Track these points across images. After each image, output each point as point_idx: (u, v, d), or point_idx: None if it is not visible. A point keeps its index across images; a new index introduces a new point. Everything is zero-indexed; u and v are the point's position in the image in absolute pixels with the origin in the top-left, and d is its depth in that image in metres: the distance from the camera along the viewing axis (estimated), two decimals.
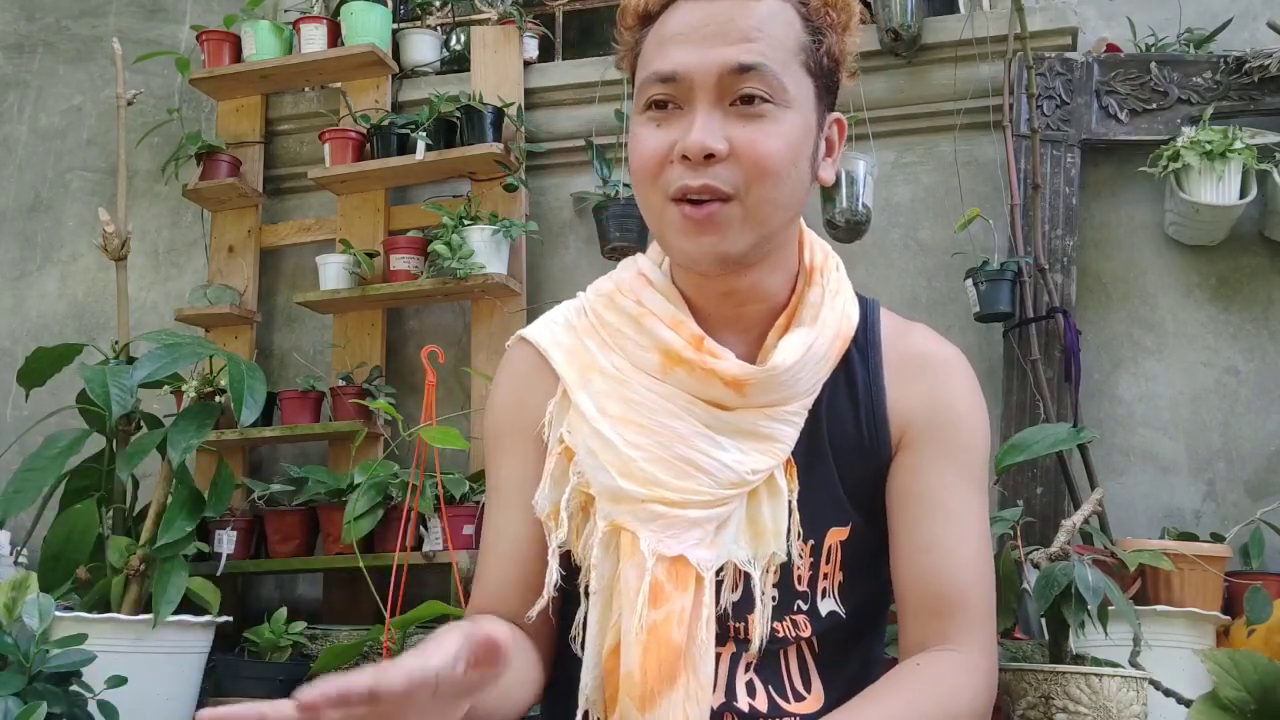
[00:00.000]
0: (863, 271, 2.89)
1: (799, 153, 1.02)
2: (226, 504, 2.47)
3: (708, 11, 1.01)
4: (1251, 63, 2.65)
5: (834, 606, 1.10)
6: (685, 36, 1.01)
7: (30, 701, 1.83)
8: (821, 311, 1.08)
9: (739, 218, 1.00)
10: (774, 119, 0.99)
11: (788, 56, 1.01)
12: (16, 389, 2.67)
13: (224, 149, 3.23)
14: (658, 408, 1.06)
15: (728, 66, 0.98)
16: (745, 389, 1.05)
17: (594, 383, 1.09)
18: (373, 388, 2.96)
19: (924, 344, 1.14)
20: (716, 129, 0.98)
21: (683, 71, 1.00)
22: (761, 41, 1.00)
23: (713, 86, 0.99)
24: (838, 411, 1.09)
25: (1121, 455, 2.70)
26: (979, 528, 1.08)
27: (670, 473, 1.03)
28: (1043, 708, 1.54)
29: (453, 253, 2.86)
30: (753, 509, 1.06)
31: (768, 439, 1.06)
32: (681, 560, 1.02)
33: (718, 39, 0.99)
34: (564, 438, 1.09)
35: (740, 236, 1.01)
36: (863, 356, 1.11)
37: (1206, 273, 2.73)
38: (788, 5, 1.03)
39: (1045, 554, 1.64)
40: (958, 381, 1.12)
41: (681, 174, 1.00)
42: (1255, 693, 1.41)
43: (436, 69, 3.33)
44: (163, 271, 3.45)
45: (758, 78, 0.99)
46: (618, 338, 1.10)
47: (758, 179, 0.99)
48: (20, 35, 3.76)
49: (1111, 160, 2.82)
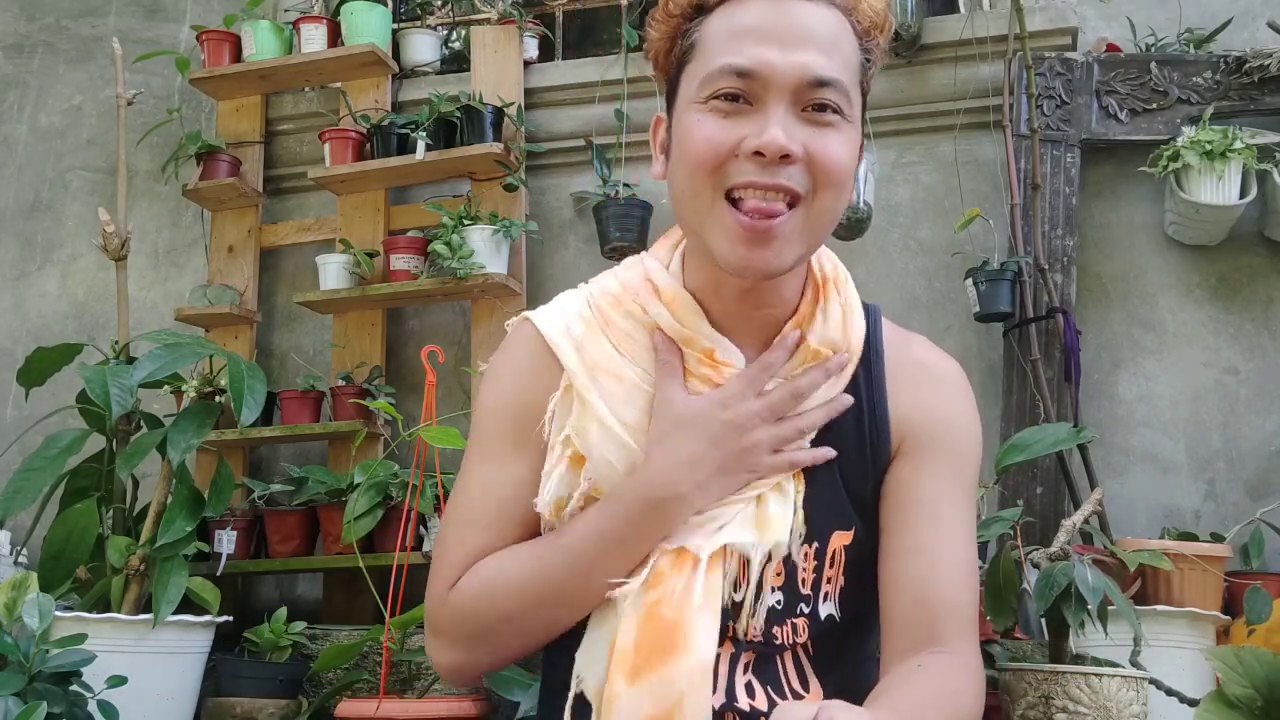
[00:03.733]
0: (863, 271, 2.89)
1: (854, 164, 1.05)
2: (226, 504, 2.47)
3: (785, 12, 1.01)
4: (1251, 63, 2.65)
5: (832, 610, 1.11)
6: (765, 34, 1.00)
7: (30, 701, 1.83)
8: (829, 327, 1.10)
9: (799, 227, 1.01)
10: (840, 130, 1.01)
11: (851, 73, 1.03)
12: (16, 389, 2.67)
13: (224, 149, 3.23)
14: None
15: (810, 75, 0.99)
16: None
17: (604, 384, 1.09)
18: (373, 388, 2.96)
19: (925, 355, 1.16)
20: (794, 133, 0.99)
21: (763, 69, 0.99)
22: (838, 55, 1.01)
23: (790, 89, 0.99)
24: (842, 419, 1.10)
25: (1121, 455, 2.70)
26: (968, 536, 1.10)
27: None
28: (1043, 708, 1.54)
29: (453, 253, 2.86)
30: (760, 508, 1.08)
31: None
32: (682, 550, 1.05)
33: (801, 44, 1.00)
34: (572, 440, 1.08)
35: (794, 248, 1.02)
36: (866, 366, 1.12)
37: (1206, 273, 2.73)
38: (846, 24, 1.04)
39: (1045, 554, 1.64)
40: (957, 394, 1.15)
41: (749, 170, 0.99)
42: (1263, 689, 1.41)
43: (436, 69, 3.33)
44: (163, 271, 3.45)
45: (834, 90, 1.00)
46: (628, 343, 1.10)
47: (825, 185, 1.01)
48: (20, 35, 3.76)
49: (1111, 160, 2.82)
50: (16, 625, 1.98)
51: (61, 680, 1.93)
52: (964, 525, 1.10)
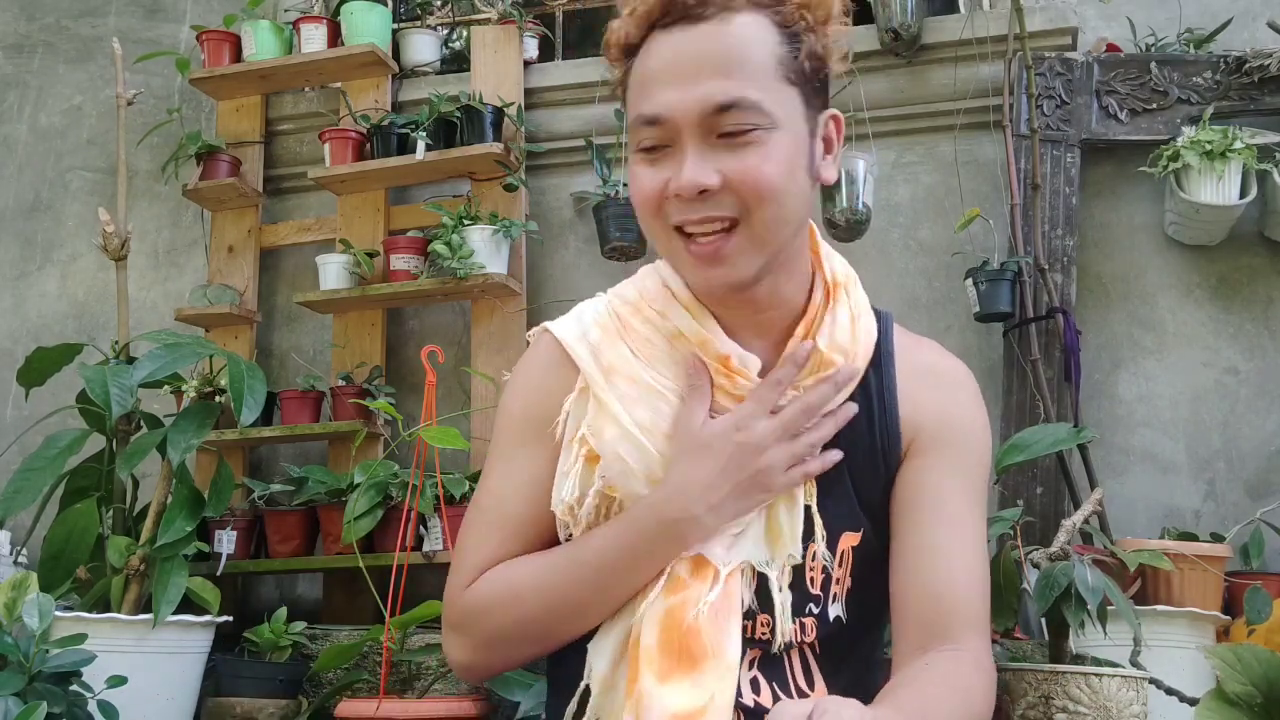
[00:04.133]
0: (863, 271, 2.85)
1: (793, 167, 1.03)
2: (226, 504, 2.47)
3: (682, 44, 1.02)
4: (1251, 63, 2.65)
5: (839, 612, 1.12)
6: (664, 75, 1.02)
7: (30, 701, 1.83)
8: (837, 331, 1.11)
9: (746, 244, 1.03)
10: (762, 143, 1.01)
11: (767, 78, 1.01)
12: (16, 389, 2.67)
13: (224, 149, 3.23)
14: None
15: (708, 106, 0.99)
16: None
17: (619, 386, 1.11)
18: (373, 388, 2.96)
19: (936, 358, 1.18)
20: (708, 164, 1.00)
21: (665, 114, 1.01)
22: (738, 72, 1.00)
23: (697, 124, 1.00)
24: (853, 422, 1.12)
25: (1121, 455, 2.70)
26: (979, 535, 1.11)
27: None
28: (1043, 708, 1.54)
29: (453, 253, 2.86)
30: (771, 516, 1.09)
31: None
32: (700, 558, 1.07)
33: (696, 75, 1.00)
34: (587, 439, 1.11)
35: (750, 261, 1.04)
36: (878, 369, 1.14)
37: (1206, 273, 2.73)
38: (761, 17, 1.02)
39: (1045, 554, 1.64)
40: (966, 396, 1.16)
41: (679, 209, 1.02)
42: (1261, 686, 1.41)
43: (436, 69, 3.33)
44: (163, 271, 3.45)
45: (739, 112, 1.00)
46: (647, 347, 1.13)
47: (757, 204, 1.01)
48: (20, 35, 3.76)
49: (1111, 160, 2.82)
50: (16, 625, 1.98)
51: (61, 680, 1.93)
52: (974, 523, 1.10)
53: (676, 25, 1.02)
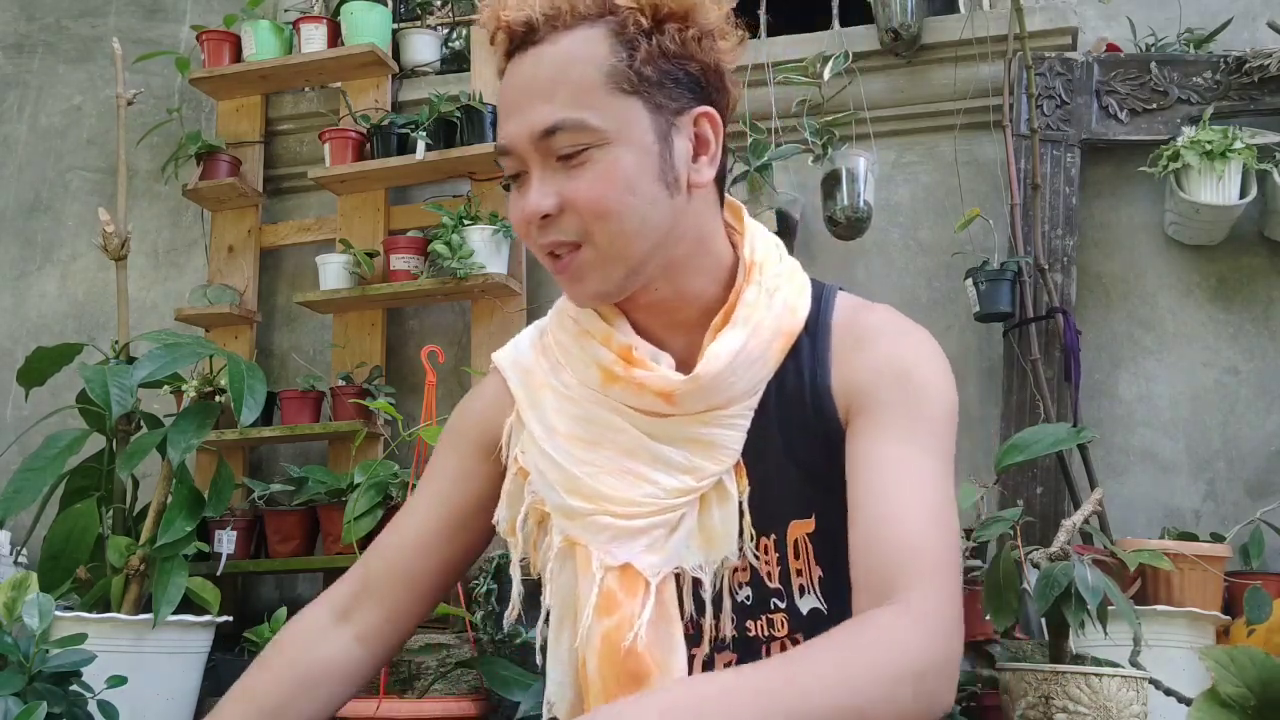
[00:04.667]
0: (863, 271, 2.89)
1: (635, 180, 1.00)
2: (226, 504, 2.47)
3: (515, 73, 1.02)
4: (1251, 63, 2.65)
5: (816, 603, 1.08)
6: (505, 105, 1.03)
7: (30, 701, 1.83)
8: (756, 313, 1.06)
9: (595, 260, 1.02)
10: (595, 161, 0.99)
11: (593, 94, 0.99)
12: (16, 389, 2.67)
13: (224, 149, 3.23)
14: (602, 421, 1.08)
15: (534, 131, 0.99)
16: (675, 399, 1.05)
17: (545, 401, 1.12)
18: (373, 388, 2.96)
19: (874, 319, 1.09)
20: (548, 188, 1.00)
21: (509, 143, 1.02)
22: (560, 93, 0.99)
23: (532, 151, 1.00)
24: (787, 402, 1.07)
25: (1121, 455, 2.70)
26: (931, 485, 1.00)
27: (616, 485, 1.06)
28: (1043, 708, 1.55)
29: (453, 252, 2.86)
30: (704, 515, 1.06)
31: (711, 445, 1.06)
32: (629, 568, 1.05)
33: (525, 103, 1.00)
34: (518, 458, 1.12)
35: (605, 276, 1.03)
36: (812, 342, 1.08)
37: (1206, 273, 2.74)
38: (592, 29, 1.00)
39: (1045, 554, 1.64)
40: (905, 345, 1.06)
41: (535, 234, 1.03)
42: (1255, 689, 1.41)
43: (436, 69, 3.33)
44: (163, 271, 3.45)
45: (565, 134, 0.99)
46: (567, 355, 1.12)
47: (595, 222, 1.00)
48: (20, 35, 3.76)
49: (1111, 160, 2.82)
50: (16, 625, 1.98)
51: (61, 680, 1.93)
52: (921, 474, 1.00)
53: (519, 51, 1.02)
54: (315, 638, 1.17)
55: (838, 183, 2.71)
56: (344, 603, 1.19)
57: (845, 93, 2.81)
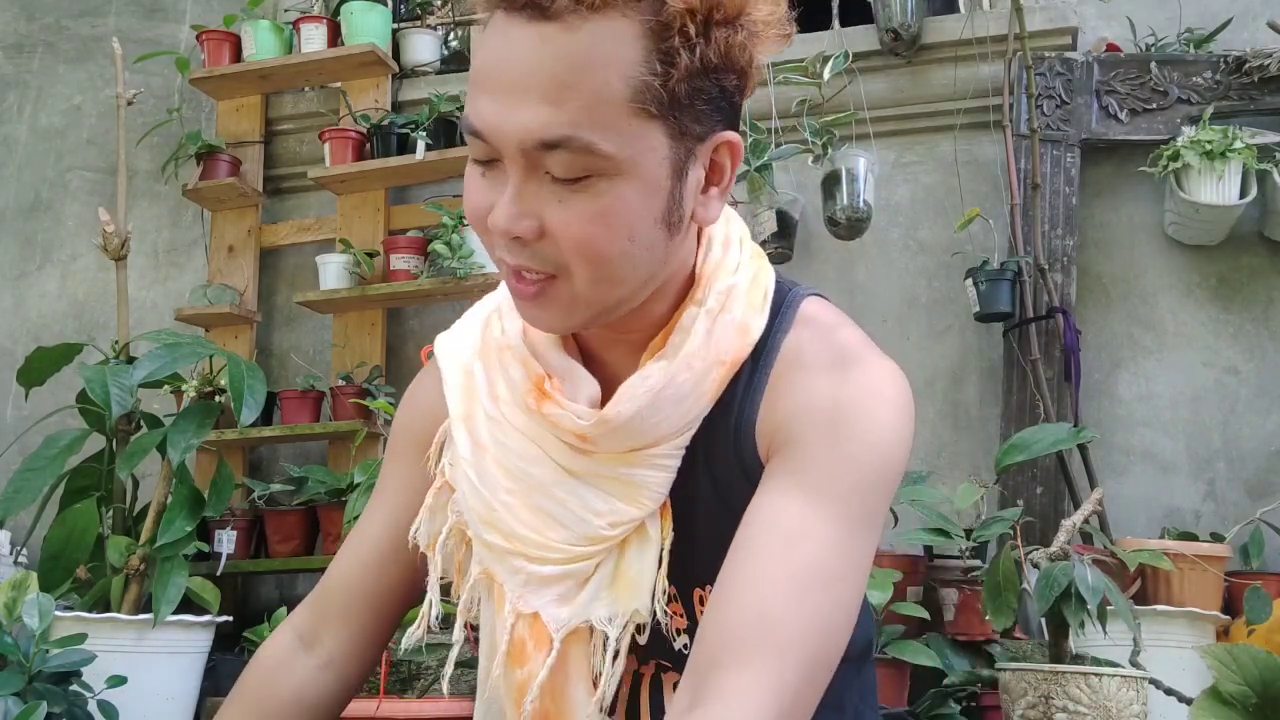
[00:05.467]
0: (863, 271, 2.89)
1: (638, 222, 0.81)
2: (226, 504, 2.47)
3: (516, 44, 0.78)
4: (1251, 63, 2.65)
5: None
6: (490, 78, 0.79)
7: (30, 701, 1.83)
8: (691, 342, 0.89)
9: (566, 298, 0.83)
10: (598, 192, 0.79)
11: (611, 112, 0.77)
12: (16, 389, 2.67)
13: (224, 149, 3.23)
14: (523, 451, 0.93)
15: (531, 139, 0.77)
16: (588, 440, 0.90)
17: (477, 411, 0.97)
18: (373, 387, 2.96)
19: (824, 344, 0.90)
20: (529, 206, 0.80)
21: (488, 131, 0.80)
22: (570, 101, 0.76)
23: (519, 156, 0.79)
24: (716, 439, 0.91)
25: (1121, 455, 2.70)
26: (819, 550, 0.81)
27: (532, 523, 0.93)
28: (1043, 707, 1.55)
29: (453, 252, 2.86)
30: (621, 562, 0.92)
31: (633, 486, 0.90)
32: (538, 619, 0.93)
33: (522, 92, 0.77)
34: (445, 470, 0.99)
35: (571, 313, 0.85)
36: (754, 368, 0.91)
37: (1206, 273, 2.74)
38: (629, 21, 0.77)
39: (1045, 554, 1.64)
40: (850, 383, 0.87)
41: (500, 245, 0.83)
42: (1256, 687, 1.41)
43: (436, 69, 3.33)
44: (163, 271, 3.45)
45: (567, 154, 0.77)
46: (502, 360, 0.96)
47: (581, 264, 0.81)
48: (20, 35, 3.76)
49: (1111, 160, 2.82)
50: (16, 625, 1.98)
51: (61, 680, 1.93)
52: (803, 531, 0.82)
53: (522, 13, 0.77)
54: (281, 669, 1.07)
55: (838, 183, 2.71)
56: (307, 628, 1.09)
57: (845, 93, 2.81)
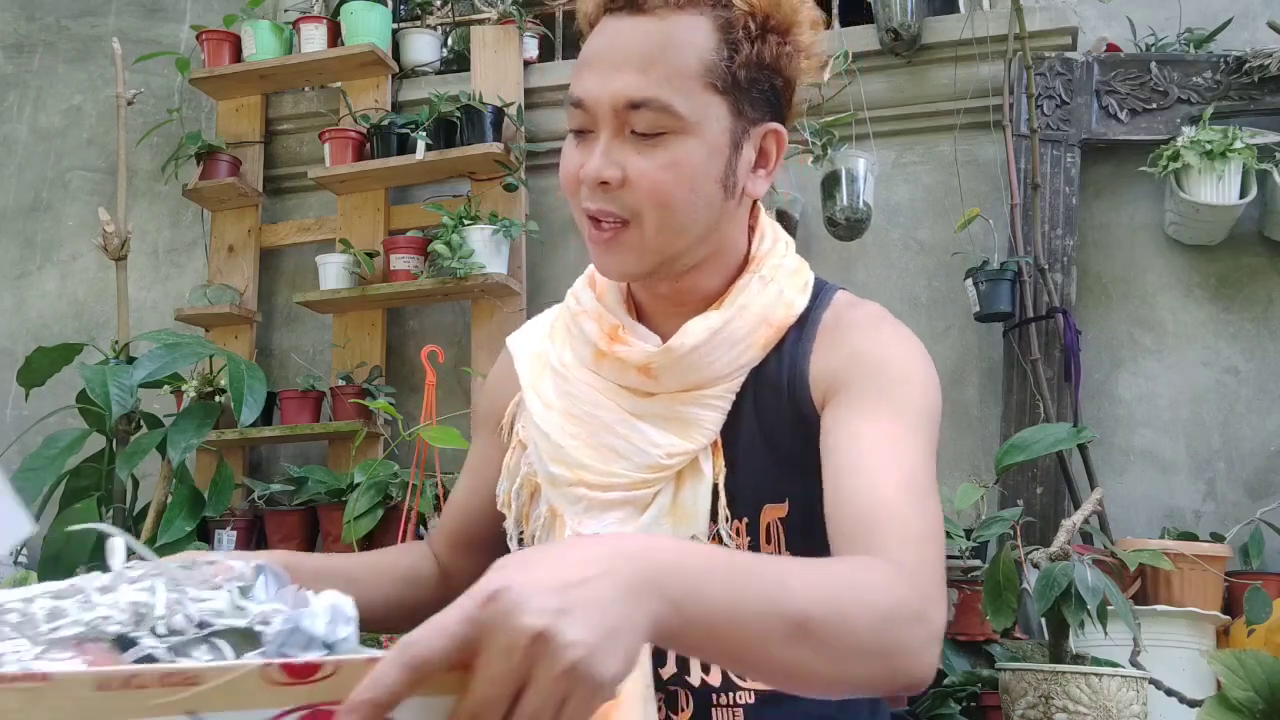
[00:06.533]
0: (863, 271, 2.89)
1: (699, 177, 1.02)
2: (226, 504, 2.47)
3: (617, 33, 1.03)
4: (1251, 63, 2.65)
5: None
6: (594, 60, 1.04)
7: None
8: (744, 297, 1.09)
9: (635, 242, 1.04)
10: (669, 148, 1.01)
11: (686, 82, 1.00)
12: (16, 389, 2.67)
13: (224, 149, 3.23)
14: (588, 398, 1.11)
15: (620, 100, 1.00)
16: (652, 372, 1.08)
17: (545, 380, 1.17)
18: (373, 388, 2.96)
19: (858, 312, 1.12)
20: (615, 157, 1.01)
21: (586, 100, 1.02)
22: (654, 71, 1.00)
23: (609, 116, 1.01)
24: (765, 389, 1.09)
25: (1121, 455, 2.70)
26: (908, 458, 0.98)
27: (595, 458, 1.09)
28: (1043, 708, 1.55)
29: (453, 252, 2.86)
30: (678, 493, 1.09)
31: (688, 423, 1.08)
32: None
33: (617, 67, 1.01)
34: (519, 433, 1.18)
35: (640, 259, 1.05)
36: (799, 334, 1.11)
37: (1206, 273, 2.74)
38: (703, 18, 1.01)
39: (1045, 554, 1.64)
40: (884, 336, 1.09)
41: (588, 195, 1.03)
42: (1264, 692, 1.41)
43: (436, 69, 3.33)
44: (163, 271, 3.45)
45: (649, 112, 1.00)
46: (567, 334, 1.17)
47: (651, 207, 1.02)
48: (20, 35, 3.76)
49: (1111, 160, 2.82)
50: None
51: None
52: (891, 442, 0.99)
53: (623, 11, 1.03)
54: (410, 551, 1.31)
55: (837, 183, 2.71)
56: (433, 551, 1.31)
57: (845, 93, 2.81)
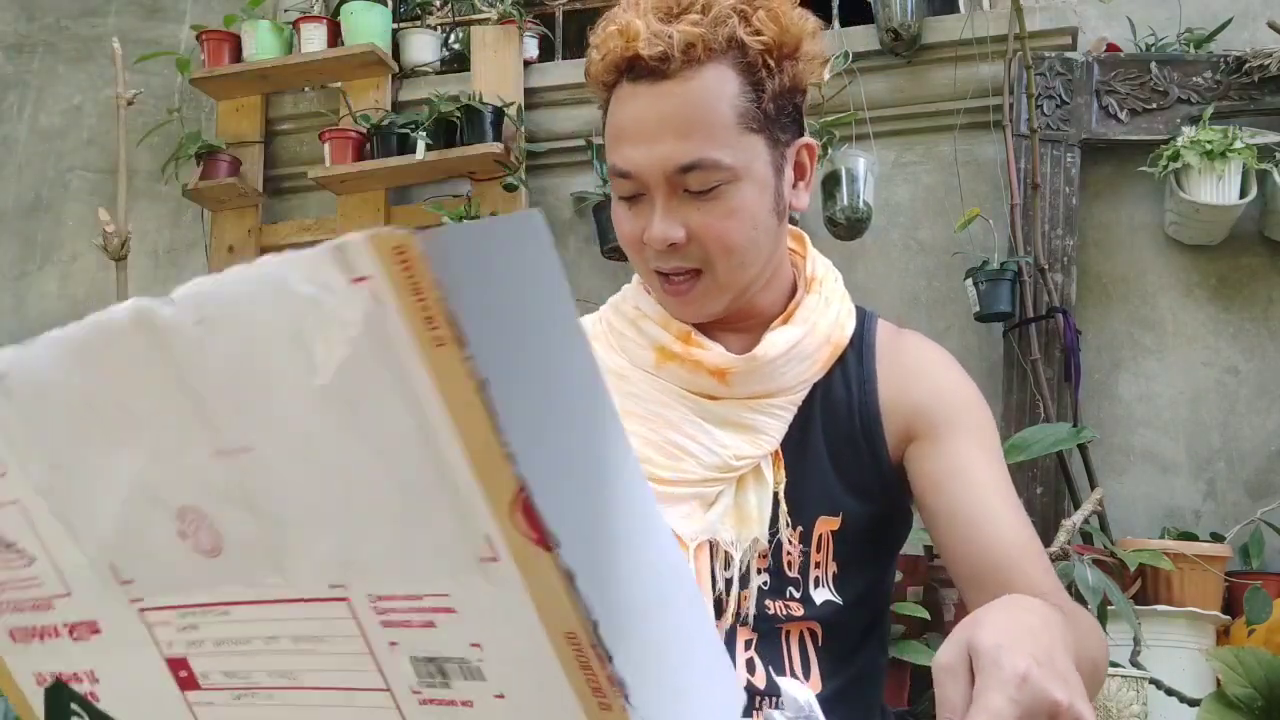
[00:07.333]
0: (863, 271, 2.89)
1: (757, 214, 1.07)
2: None
3: (646, 102, 1.05)
4: (1251, 63, 2.65)
5: (829, 595, 1.14)
6: (630, 132, 1.06)
7: None
8: (814, 315, 1.15)
9: (711, 288, 1.09)
10: (727, 197, 1.05)
11: (727, 133, 1.04)
12: None
13: (224, 149, 3.23)
14: (652, 398, 1.14)
15: (671, 166, 1.03)
16: (728, 378, 1.11)
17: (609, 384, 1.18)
18: None
19: (916, 343, 1.20)
20: (675, 218, 1.05)
21: (635, 171, 1.06)
22: (698, 132, 1.03)
23: (662, 182, 1.05)
24: (832, 408, 1.15)
25: (1121, 455, 2.70)
26: (1013, 496, 1.11)
27: (662, 455, 1.12)
28: None
29: None
30: (740, 497, 1.13)
31: (753, 430, 1.12)
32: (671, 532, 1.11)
33: (658, 135, 1.04)
34: None
35: (716, 301, 1.10)
36: (858, 359, 1.17)
37: (1206, 273, 2.74)
38: (723, 68, 1.04)
39: None
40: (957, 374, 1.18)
41: (653, 258, 1.08)
42: (1263, 689, 1.42)
43: (436, 69, 3.33)
44: (163, 271, 3.45)
45: (701, 172, 1.03)
46: (621, 340, 1.19)
47: (720, 254, 1.07)
48: (20, 35, 3.76)
49: (1111, 160, 2.82)
50: None
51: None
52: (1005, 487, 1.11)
53: (642, 80, 1.05)
54: None
55: (837, 183, 2.71)
56: None
57: (845, 93, 2.81)
